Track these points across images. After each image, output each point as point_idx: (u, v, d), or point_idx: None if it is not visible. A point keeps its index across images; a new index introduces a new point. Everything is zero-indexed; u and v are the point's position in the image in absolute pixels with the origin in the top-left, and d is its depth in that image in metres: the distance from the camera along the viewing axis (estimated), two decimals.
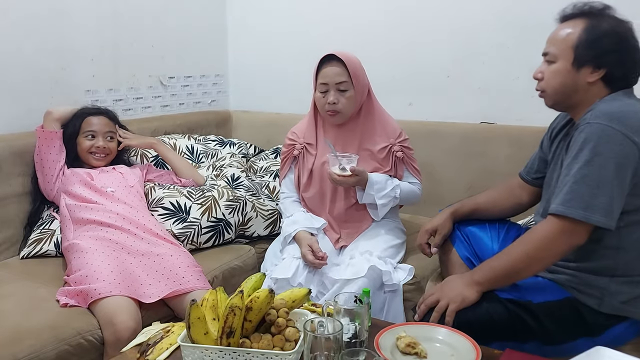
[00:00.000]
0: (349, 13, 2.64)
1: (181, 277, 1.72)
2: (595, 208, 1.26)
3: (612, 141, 1.26)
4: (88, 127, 2.09)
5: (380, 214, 1.91)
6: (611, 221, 1.28)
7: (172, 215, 2.04)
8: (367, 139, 1.93)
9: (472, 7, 2.34)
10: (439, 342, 1.24)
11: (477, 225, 1.68)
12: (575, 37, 1.35)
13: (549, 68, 1.40)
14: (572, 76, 1.36)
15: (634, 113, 1.30)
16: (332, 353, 1.07)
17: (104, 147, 2.09)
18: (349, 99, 1.85)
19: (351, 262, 1.78)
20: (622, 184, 1.27)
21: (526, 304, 1.35)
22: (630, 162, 1.27)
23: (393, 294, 1.78)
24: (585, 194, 1.27)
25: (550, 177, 1.48)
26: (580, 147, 1.29)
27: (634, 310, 1.35)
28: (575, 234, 1.31)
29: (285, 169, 2.04)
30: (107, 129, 2.12)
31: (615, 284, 1.34)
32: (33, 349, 1.42)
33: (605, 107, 1.31)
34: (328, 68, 1.84)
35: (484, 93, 2.36)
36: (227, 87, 3.13)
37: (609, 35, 1.32)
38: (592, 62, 1.34)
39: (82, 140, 2.08)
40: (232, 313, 1.11)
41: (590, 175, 1.27)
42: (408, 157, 1.96)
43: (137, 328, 1.54)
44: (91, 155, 2.08)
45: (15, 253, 1.99)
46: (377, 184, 1.84)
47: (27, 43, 2.14)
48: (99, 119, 2.12)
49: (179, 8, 2.77)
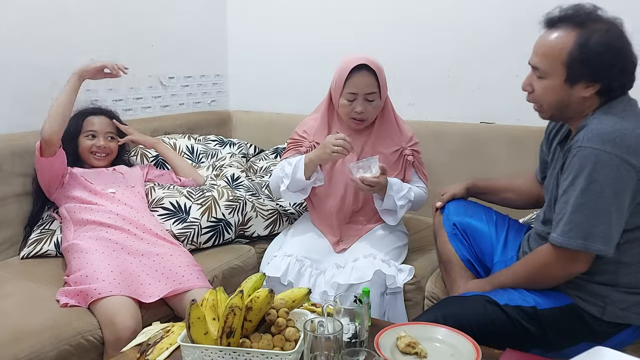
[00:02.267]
0: (350, 13, 2.64)
1: (181, 276, 1.72)
2: (594, 237, 1.26)
3: (607, 166, 1.23)
4: (89, 127, 2.09)
5: (399, 215, 1.89)
6: (610, 248, 1.28)
7: (172, 215, 2.04)
8: (380, 142, 1.92)
9: (473, 6, 2.34)
10: (439, 342, 1.24)
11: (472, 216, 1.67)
12: (566, 54, 1.28)
13: (540, 84, 1.34)
14: (565, 92, 1.31)
15: (628, 131, 1.24)
16: (332, 353, 1.07)
17: (105, 146, 2.09)
18: (375, 107, 1.86)
19: (355, 265, 1.76)
20: (621, 209, 1.26)
21: (531, 311, 1.35)
22: (628, 185, 1.24)
23: (394, 294, 1.78)
24: (584, 224, 1.26)
25: (549, 181, 1.47)
26: (575, 173, 1.26)
27: (634, 316, 1.35)
28: (575, 263, 1.32)
29: (288, 154, 1.99)
30: (108, 129, 2.13)
31: (617, 293, 1.34)
32: (33, 349, 1.42)
33: (597, 126, 1.26)
34: (359, 78, 1.81)
35: (484, 93, 2.36)
36: (227, 87, 3.13)
37: (603, 51, 1.26)
38: (586, 78, 1.29)
39: (83, 140, 2.08)
40: (232, 313, 1.11)
41: (588, 204, 1.25)
42: (418, 162, 1.96)
43: (137, 328, 1.54)
44: (92, 155, 2.08)
45: (15, 253, 1.98)
46: (395, 185, 1.83)
47: (27, 43, 2.14)
48: (99, 119, 2.12)
49: (179, 8, 2.77)
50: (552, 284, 1.39)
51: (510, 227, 1.67)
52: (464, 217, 1.67)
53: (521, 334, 1.34)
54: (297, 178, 1.84)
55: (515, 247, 1.61)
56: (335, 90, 1.87)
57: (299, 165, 1.84)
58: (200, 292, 1.68)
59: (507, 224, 1.67)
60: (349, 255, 1.85)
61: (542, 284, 1.39)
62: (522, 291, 1.40)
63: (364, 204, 1.95)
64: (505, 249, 1.61)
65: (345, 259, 1.84)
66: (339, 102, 1.87)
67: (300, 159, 1.86)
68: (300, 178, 1.83)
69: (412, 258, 1.96)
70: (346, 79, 1.81)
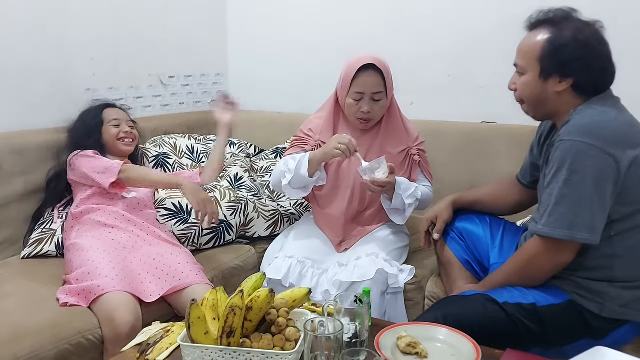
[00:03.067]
0: (350, 13, 2.64)
1: (180, 273, 1.73)
2: (579, 227, 1.29)
3: (587, 157, 1.27)
4: (111, 117, 2.10)
5: (407, 215, 1.87)
6: (595, 237, 1.30)
7: (174, 216, 2.04)
8: (387, 142, 1.92)
9: (473, 6, 2.33)
10: (439, 342, 1.24)
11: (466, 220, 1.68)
12: (539, 48, 1.35)
13: (520, 80, 1.41)
14: (540, 87, 1.38)
15: (607, 123, 1.30)
16: (332, 353, 1.07)
17: (131, 132, 2.12)
18: (382, 107, 1.86)
19: (358, 263, 1.76)
20: (603, 198, 1.29)
21: (530, 308, 1.36)
22: (608, 175, 1.28)
23: (395, 294, 1.78)
24: (568, 213, 1.30)
25: (542, 181, 1.47)
26: (558, 165, 1.31)
27: (633, 313, 1.35)
28: (561, 252, 1.34)
29: (292, 150, 1.98)
30: (128, 118, 2.16)
31: (614, 289, 1.34)
32: (33, 348, 1.42)
33: (578, 120, 1.31)
34: (366, 77, 1.80)
35: (485, 92, 2.36)
36: (227, 86, 3.12)
37: (570, 45, 1.32)
38: (557, 72, 1.34)
39: (109, 129, 2.08)
40: (232, 313, 1.11)
41: (570, 194, 1.29)
42: (424, 161, 1.96)
43: (136, 323, 1.55)
44: (120, 142, 2.08)
45: (15, 252, 1.98)
46: (402, 184, 1.82)
47: (27, 42, 2.14)
48: (116, 110, 2.15)
49: (179, 8, 2.77)
50: (541, 277, 1.40)
51: (506, 230, 1.67)
52: (458, 222, 1.69)
53: (521, 332, 1.34)
54: (301, 174, 1.82)
55: (512, 249, 1.62)
56: (342, 89, 1.86)
57: (303, 162, 1.83)
58: (199, 288, 1.68)
59: (503, 227, 1.68)
60: (352, 254, 1.84)
61: (531, 279, 1.41)
62: (521, 289, 1.40)
63: (369, 205, 1.94)
64: (502, 252, 1.61)
65: (347, 257, 1.83)
66: (346, 101, 1.86)
67: (305, 155, 1.85)
68: (303, 174, 1.82)
69: (413, 258, 1.96)
70: (353, 79, 1.80)
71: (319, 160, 1.82)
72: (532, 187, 1.61)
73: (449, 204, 1.69)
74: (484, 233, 1.66)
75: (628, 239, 1.34)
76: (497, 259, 1.61)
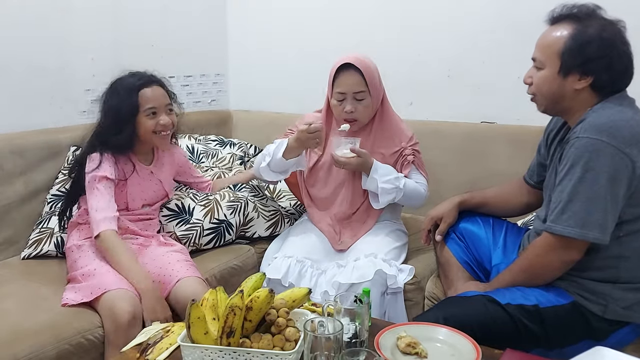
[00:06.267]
0: (349, 13, 2.64)
1: (170, 270, 1.73)
2: (591, 225, 1.28)
3: (603, 155, 1.25)
4: (148, 104, 1.79)
5: (382, 200, 1.83)
6: (606, 236, 1.29)
7: (176, 216, 2.04)
8: (379, 143, 1.92)
9: (473, 6, 2.33)
10: (439, 342, 1.24)
11: (469, 222, 1.67)
12: (561, 44, 1.32)
13: (537, 74, 1.39)
14: (559, 83, 1.35)
15: (625, 122, 1.28)
16: (332, 353, 1.07)
17: (170, 122, 1.83)
18: (366, 107, 1.85)
19: (356, 264, 1.76)
20: (616, 197, 1.27)
21: (533, 309, 1.35)
22: (623, 174, 1.27)
23: (394, 294, 1.78)
24: (581, 211, 1.28)
25: (548, 180, 1.47)
26: (572, 162, 1.29)
27: (635, 315, 1.35)
28: (569, 251, 1.33)
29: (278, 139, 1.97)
30: (167, 101, 1.84)
31: (618, 291, 1.34)
32: (33, 349, 1.42)
33: (595, 118, 1.30)
34: (345, 77, 1.81)
35: (485, 93, 2.36)
36: (227, 86, 3.12)
37: (595, 42, 1.30)
38: (578, 69, 1.32)
39: (144, 120, 1.79)
40: (232, 313, 1.11)
41: (584, 192, 1.28)
42: (418, 161, 1.96)
43: (135, 313, 1.56)
44: (155, 135, 1.82)
45: (16, 253, 1.98)
46: (381, 169, 1.83)
47: (27, 42, 2.14)
48: (153, 90, 1.81)
49: (179, 8, 2.77)
50: (548, 275, 1.39)
51: (508, 230, 1.67)
52: (460, 222, 1.68)
53: (523, 333, 1.34)
54: (277, 158, 1.85)
55: (515, 248, 1.61)
56: (328, 91, 1.88)
57: (281, 146, 1.85)
58: (189, 281, 1.69)
59: (505, 227, 1.68)
60: (350, 255, 1.84)
61: (538, 277, 1.39)
62: (524, 290, 1.40)
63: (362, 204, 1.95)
64: (505, 252, 1.61)
65: (346, 258, 1.84)
66: (331, 102, 1.88)
67: (284, 140, 1.87)
68: (279, 157, 1.84)
69: (412, 258, 1.96)
70: (334, 79, 1.83)
71: (292, 146, 1.83)
72: (540, 188, 1.59)
73: (455, 205, 1.67)
74: (485, 234, 1.65)
75: (636, 240, 1.33)
76: (500, 260, 1.60)
